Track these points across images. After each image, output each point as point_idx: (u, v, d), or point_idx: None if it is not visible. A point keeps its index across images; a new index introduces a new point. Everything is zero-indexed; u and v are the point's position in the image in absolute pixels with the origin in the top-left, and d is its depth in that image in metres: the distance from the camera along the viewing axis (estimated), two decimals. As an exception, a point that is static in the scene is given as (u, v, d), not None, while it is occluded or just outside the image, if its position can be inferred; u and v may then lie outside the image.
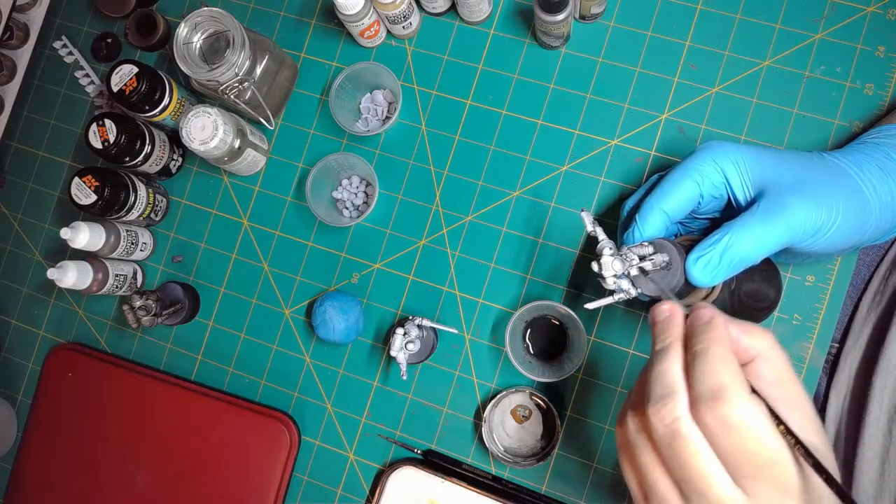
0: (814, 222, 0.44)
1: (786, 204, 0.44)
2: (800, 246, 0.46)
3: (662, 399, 0.34)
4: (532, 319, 0.63)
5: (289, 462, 0.65)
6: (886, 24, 0.61)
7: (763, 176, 0.46)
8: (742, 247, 0.43)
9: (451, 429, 0.65)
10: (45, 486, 0.70)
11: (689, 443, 0.33)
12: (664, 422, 0.34)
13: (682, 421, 0.34)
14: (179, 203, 0.72)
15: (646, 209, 0.48)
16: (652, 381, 0.36)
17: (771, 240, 0.44)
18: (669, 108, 0.64)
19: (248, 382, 0.69)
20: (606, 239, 0.46)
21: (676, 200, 0.48)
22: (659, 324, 0.38)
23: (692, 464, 0.33)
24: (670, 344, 0.37)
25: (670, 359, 0.36)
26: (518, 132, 0.66)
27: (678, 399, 0.34)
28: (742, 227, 0.44)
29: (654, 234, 0.48)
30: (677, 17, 0.64)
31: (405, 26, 0.66)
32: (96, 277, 0.65)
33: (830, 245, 0.46)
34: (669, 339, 0.37)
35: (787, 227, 0.44)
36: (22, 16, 0.74)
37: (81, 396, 0.70)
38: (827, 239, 0.45)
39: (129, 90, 0.62)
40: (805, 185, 0.45)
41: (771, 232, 0.43)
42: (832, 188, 0.45)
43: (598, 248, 0.46)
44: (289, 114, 0.70)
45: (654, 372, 0.36)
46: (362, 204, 0.68)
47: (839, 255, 0.51)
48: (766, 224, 0.43)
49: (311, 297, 0.68)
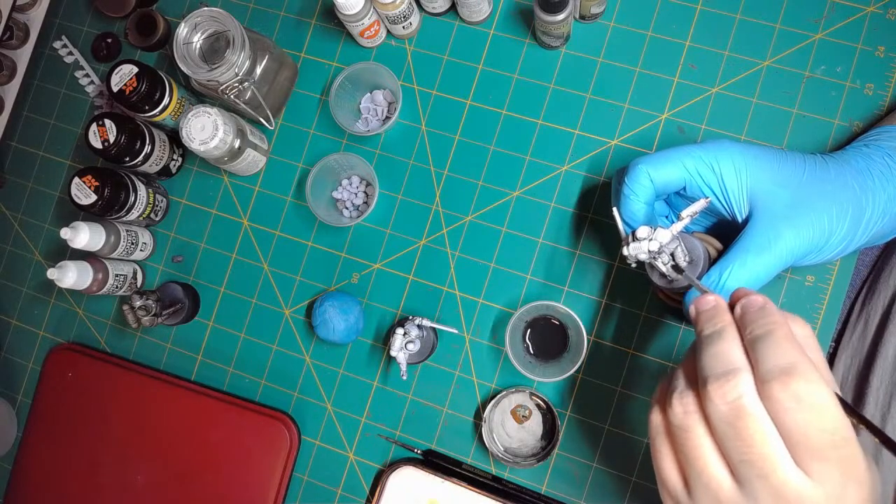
0: (808, 246, 0.45)
1: (779, 235, 0.45)
2: (796, 264, 0.47)
3: (725, 376, 0.33)
4: (532, 319, 0.63)
5: (289, 462, 0.65)
6: (886, 24, 0.61)
7: (760, 189, 0.47)
8: (740, 281, 0.45)
9: (451, 429, 0.65)
10: (45, 486, 0.70)
11: (755, 420, 0.32)
12: (727, 398, 0.32)
13: (748, 397, 0.32)
14: (179, 203, 0.72)
15: (634, 169, 0.49)
16: (708, 362, 0.35)
17: (767, 271, 0.45)
18: (669, 108, 0.64)
19: (248, 382, 0.69)
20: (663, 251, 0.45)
21: (662, 174, 0.48)
22: (706, 311, 0.37)
23: (757, 443, 0.32)
24: (724, 327, 0.36)
25: (728, 339, 0.35)
26: (518, 132, 0.66)
27: (742, 375, 0.33)
28: (738, 263, 0.45)
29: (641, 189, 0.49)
30: (677, 17, 0.64)
31: (405, 26, 0.66)
32: (96, 277, 0.65)
33: (827, 259, 0.48)
34: (721, 324, 0.36)
35: (781, 257, 0.45)
36: (22, 16, 0.74)
37: (81, 396, 0.70)
38: (822, 255, 0.47)
39: (129, 90, 0.62)
40: (799, 210, 0.46)
41: (767, 264, 0.45)
42: (830, 206, 0.46)
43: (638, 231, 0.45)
44: (289, 114, 0.70)
45: (708, 352, 0.35)
46: (362, 204, 0.68)
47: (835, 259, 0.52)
48: (761, 257, 0.45)
49: (311, 297, 0.68)
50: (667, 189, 0.49)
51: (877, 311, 0.61)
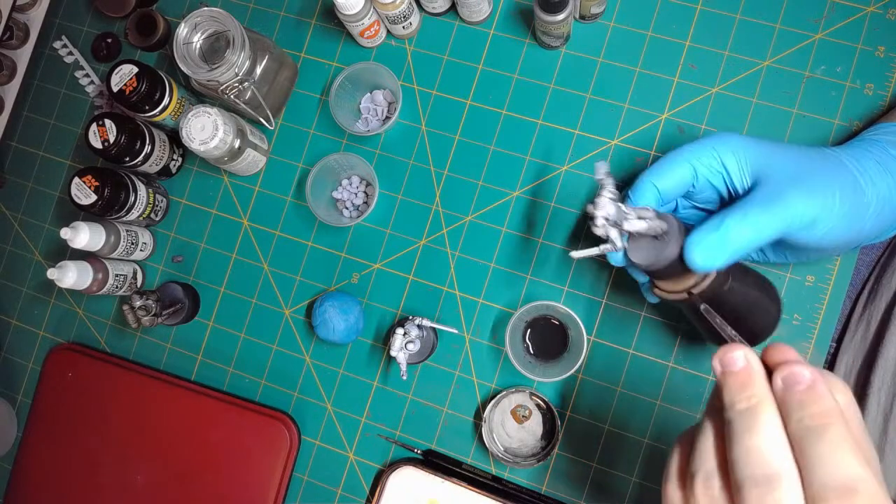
0: (811, 213, 0.44)
1: (782, 193, 0.44)
2: (797, 237, 0.46)
3: (767, 484, 0.27)
4: (532, 319, 0.63)
5: (289, 462, 0.65)
6: (886, 24, 0.61)
7: (761, 166, 0.47)
8: (740, 231, 0.43)
9: (451, 429, 0.65)
10: (45, 486, 0.70)
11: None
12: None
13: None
14: (179, 203, 0.72)
15: (639, 183, 0.49)
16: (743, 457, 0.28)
17: (768, 227, 0.44)
18: (669, 108, 0.64)
19: (248, 382, 0.69)
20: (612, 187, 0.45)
21: (669, 179, 0.48)
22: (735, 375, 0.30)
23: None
24: (761, 406, 0.29)
25: (768, 429, 0.28)
26: (518, 132, 0.66)
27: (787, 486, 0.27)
28: (741, 213, 0.44)
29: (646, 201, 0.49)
30: (677, 17, 0.64)
31: (405, 26, 0.66)
32: (96, 277, 0.65)
33: (829, 239, 0.46)
34: (756, 400, 0.29)
35: (784, 216, 0.44)
36: (22, 16, 0.74)
37: (81, 396, 0.70)
38: (824, 232, 0.45)
39: (129, 90, 0.62)
40: (802, 177, 0.45)
41: (768, 219, 0.44)
42: (829, 180, 0.46)
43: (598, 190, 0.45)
44: (289, 114, 0.70)
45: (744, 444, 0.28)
46: (362, 204, 0.68)
47: (839, 252, 0.51)
48: (764, 211, 0.44)
49: (311, 297, 0.68)
50: (674, 194, 0.49)
51: (878, 312, 0.61)
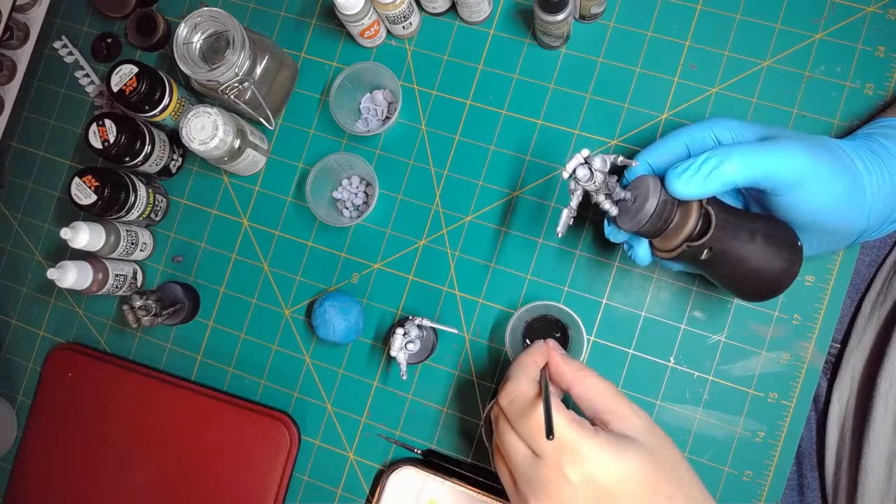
0: (799, 164, 0.44)
1: (776, 137, 0.46)
2: (783, 198, 0.45)
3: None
4: (532, 319, 0.63)
5: (289, 462, 0.65)
6: (886, 24, 0.61)
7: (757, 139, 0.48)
8: (725, 160, 0.44)
9: (451, 429, 0.65)
10: (45, 486, 0.70)
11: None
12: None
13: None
14: (179, 203, 0.72)
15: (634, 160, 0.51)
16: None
17: (755, 162, 0.44)
18: (669, 108, 0.64)
19: (248, 382, 0.69)
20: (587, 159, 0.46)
21: (662, 156, 0.51)
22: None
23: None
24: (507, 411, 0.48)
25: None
26: (518, 132, 0.66)
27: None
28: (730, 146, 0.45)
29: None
30: (677, 17, 0.64)
31: (405, 26, 0.66)
32: (96, 277, 0.65)
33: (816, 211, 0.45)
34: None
35: (775, 156, 0.44)
36: (22, 16, 0.74)
37: (81, 396, 0.70)
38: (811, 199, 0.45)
39: (129, 90, 0.62)
40: (799, 138, 0.47)
41: (757, 155, 0.44)
42: (824, 152, 0.46)
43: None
44: (289, 114, 0.70)
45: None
46: (362, 204, 0.68)
47: (831, 246, 0.50)
48: (755, 147, 0.44)
49: (311, 297, 0.68)
50: (666, 162, 0.51)
51: (884, 316, 0.61)
